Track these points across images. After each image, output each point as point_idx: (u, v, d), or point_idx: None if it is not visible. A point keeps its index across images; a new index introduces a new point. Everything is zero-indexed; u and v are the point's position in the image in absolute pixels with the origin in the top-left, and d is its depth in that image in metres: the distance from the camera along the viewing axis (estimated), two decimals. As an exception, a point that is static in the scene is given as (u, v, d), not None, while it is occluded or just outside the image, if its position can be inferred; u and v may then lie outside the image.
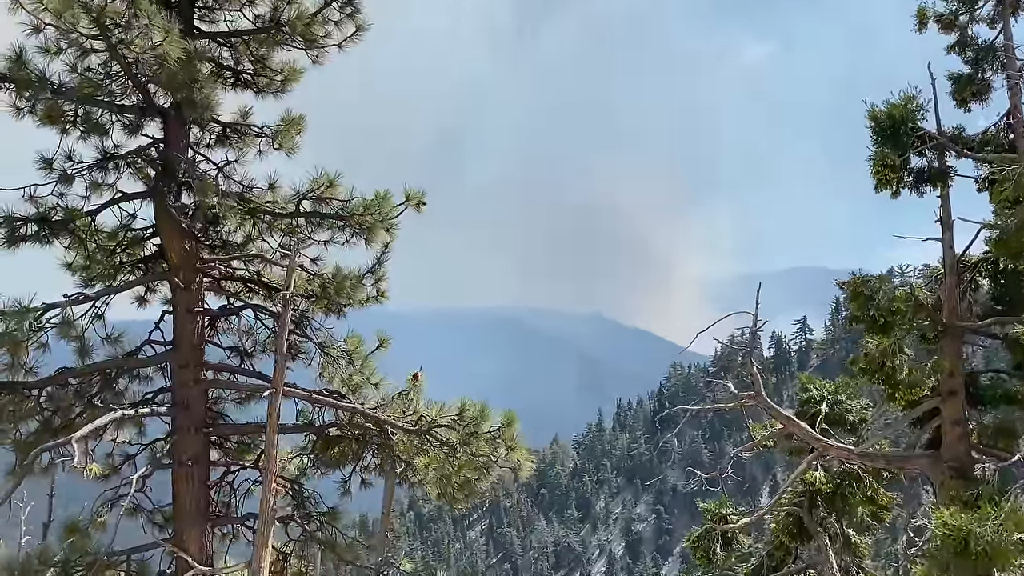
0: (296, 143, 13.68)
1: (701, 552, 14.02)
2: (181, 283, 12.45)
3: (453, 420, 12.33)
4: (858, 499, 14.43)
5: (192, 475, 12.40)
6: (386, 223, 13.38)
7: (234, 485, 13.80)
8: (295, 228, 13.47)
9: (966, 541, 9.90)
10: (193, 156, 13.02)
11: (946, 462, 12.82)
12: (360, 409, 12.55)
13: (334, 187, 13.27)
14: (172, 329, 12.70)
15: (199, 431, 12.47)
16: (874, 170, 12.19)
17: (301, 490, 13.74)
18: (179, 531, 12.42)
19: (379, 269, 13.80)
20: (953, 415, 13.04)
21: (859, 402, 14.73)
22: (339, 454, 13.71)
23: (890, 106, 12.13)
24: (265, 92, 13.72)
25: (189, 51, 11.48)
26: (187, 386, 12.44)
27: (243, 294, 13.82)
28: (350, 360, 13.33)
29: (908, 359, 12.73)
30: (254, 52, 13.28)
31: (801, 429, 12.86)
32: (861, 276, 12.31)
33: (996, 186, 11.85)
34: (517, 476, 12.67)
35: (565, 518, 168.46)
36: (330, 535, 13.71)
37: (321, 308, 13.72)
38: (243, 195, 13.31)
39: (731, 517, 14.17)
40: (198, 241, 12.91)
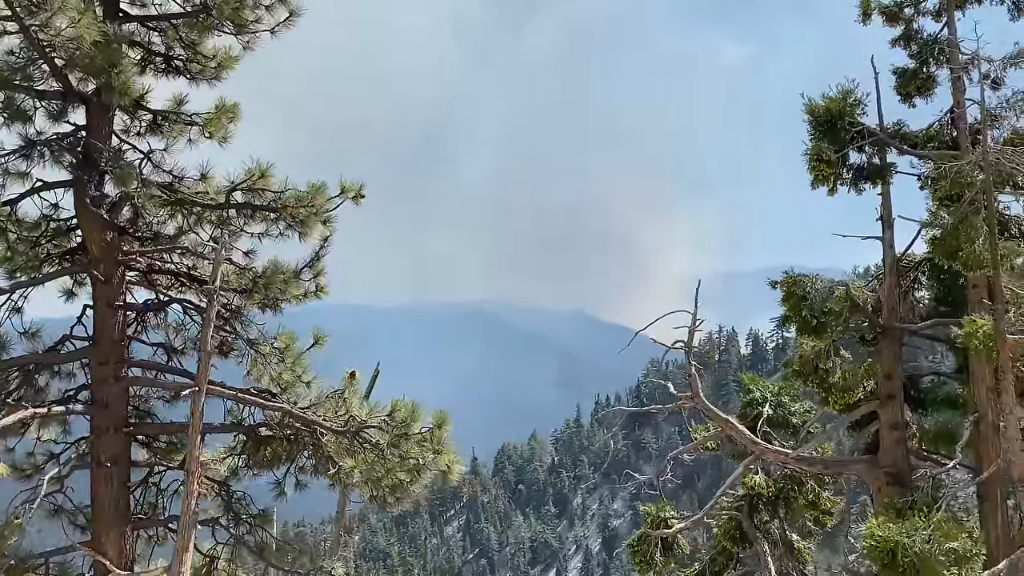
0: (229, 132, 13.19)
1: (640, 557, 13.65)
2: (101, 276, 11.96)
3: (383, 421, 11.90)
4: (800, 504, 14.11)
5: (111, 476, 11.92)
6: (321, 216, 12.94)
7: (160, 486, 13.36)
8: (226, 220, 13.01)
9: (893, 552, 9.59)
10: (118, 144, 12.53)
11: (883, 468, 12.49)
12: (288, 409, 12.11)
13: (266, 178, 12.81)
14: (92, 324, 12.20)
15: (119, 430, 12.00)
16: (810, 165, 11.82)
17: (230, 492, 13.28)
18: (98, 533, 11.96)
19: (317, 263, 13.37)
20: (891, 419, 12.72)
21: (802, 404, 14.38)
22: (271, 455, 13.26)
23: (827, 100, 11.76)
24: (199, 79, 13.24)
25: (107, 34, 10.99)
26: (107, 383, 11.96)
27: (174, 288, 13.34)
28: (281, 358, 12.88)
29: (841, 361, 12.41)
30: (184, 37, 12.79)
31: (738, 432, 12.51)
32: (794, 275, 11.95)
33: (934, 183, 11.52)
34: (446, 480, 12.23)
35: (542, 514, 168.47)
36: (260, 539, 13.28)
37: (255, 303, 13.24)
38: (171, 185, 12.86)
39: (671, 521, 13.82)
40: (122, 232, 12.44)
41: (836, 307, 11.73)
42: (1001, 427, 11.30)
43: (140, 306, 12.78)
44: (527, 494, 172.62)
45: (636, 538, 13.88)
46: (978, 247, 10.70)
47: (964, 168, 10.98)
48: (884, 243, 12.73)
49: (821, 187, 11.98)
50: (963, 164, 11.05)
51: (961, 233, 10.83)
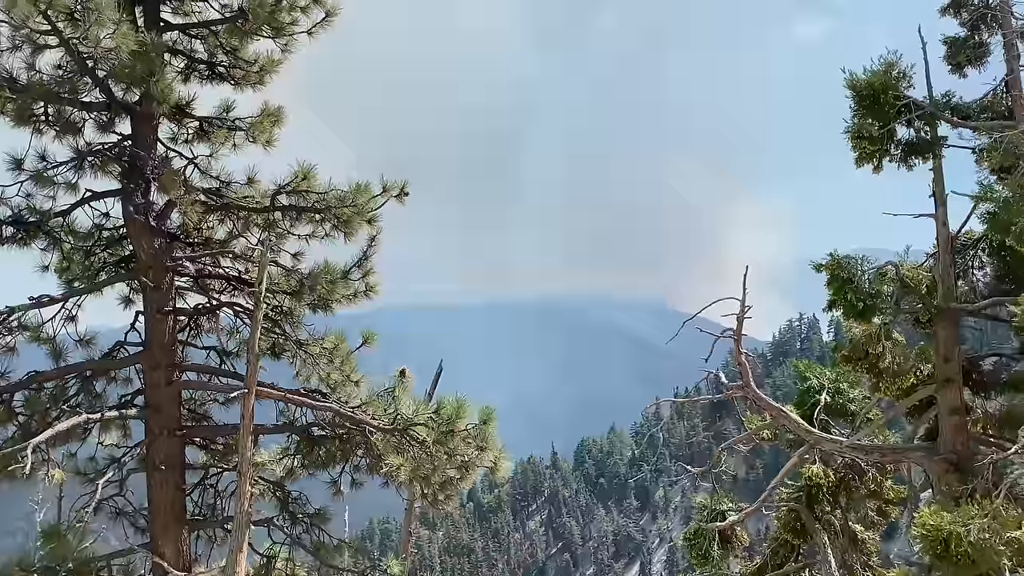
0: (274, 136, 13.34)
1: (697, 551, 13.32)
2: (151, 282, 12.14)
3: (429, 418, 11.84)
4: (862, 493, 13.63)
5: (167, 478, 12.10)
6: (364, 215, 12.96)
7: (218, 487, 13.54)
8: (272, 223, 13.12)
9: (946, 542, 9.13)
10: (164, 152, 12.72)
11: (942, 455, 11.95)
12: (336, 408, 12.14)
13: (310, 179, 12.88)
14: (144, 330, 12.41)
15: (173, 433, 12.16)
16: (852, 143, 11.34)
17: (286, 492, 13.39)
18: (155, 535, 12.14)
19: (365, 263, 13.40)
20: (950, 404, 12.14)
21: (861, 391, 13.87)
22: (326, 454, 13.34)
23: (870, 74, 11.25)
24: (243, 85, 13.41)
25: (144, 43, 11.13)
26: (159, 388, 12.14)
27: (225, 292, 13.50)
28: (330, 358, 12.93)
29: (893, 346, 11.88)
30: (225, 44, 12.92)
31: (791, 421, 12.11)
32: (838, 257, 11.47)
33: (987, 155, 10.95)
34: (494, 476, 12.12)
35: (624, 507, 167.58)
36: (317, 538, 13.36)
37: (306, 305, 13.33)
38: (218, 190, 13.03)
39: (728, 513, 13.46)
40: (172, 239, 12.61)
41: (885, 289, 11.24)
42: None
43: (191, 311, 12.95)
44: (608, 487, 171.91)
45: (691, 532, 13.58)
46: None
47: (1017, 137, 10.44)
48: (937, 220, 12.16)
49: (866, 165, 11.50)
50: (1016, 133, 10.50)
51: (1014, 206, 10.28)
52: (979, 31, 12.31)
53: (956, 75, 12.55)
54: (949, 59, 12.52)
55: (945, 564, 9.23)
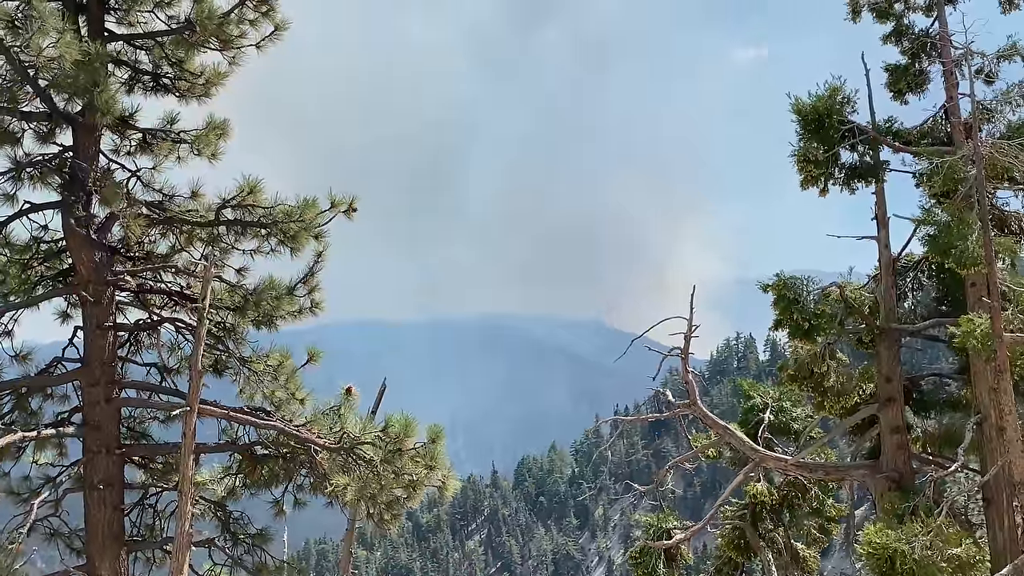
0: (218, 149, 13.15)
1: (642, 570, 13.35)
2: (91, 297, 11.86)
3: (377, 436, 11.71)
4: (804, 511, 13.81)
5: (104, 498, 11.79)
6: (312, 231, 12.84)
7: (157, 507, 13.24)
8: (216, 237, 12.93)
9: (892, 560, 9.30)
10: (106, 164, 12.47)
11: (884, 473, 12.18)
12: (280, 427, 11.95)
13: (256, 194, 12.73)
14: (83, 346, 12.11)
15: (111, 452, 11.87)
16: (798, 166, 11.58)
17: (227, 512, 13.15)
18: (91, 557, 11.83)
19: (311, 279, 13.27)
20: (891, 422, 12.41)
21: (804, 410, 14.10)
22: (269, 474, 13.12)
23: (815, 99, 11.51)
24: (188, 96, 13.21)
25: (89, 53, 10.92)
26: (97, 405, 11.85)
27: (167, 308, 13.24)
28: (275, 376, 12.76)
29: (837, 365, 12.12)
30: (171, 55, 12.72)
31: (737, 439, 12.24)
32: (784, 278, 11.68)
33: (927, 180, 11.26)
34: (441, 495, 12.02)
35: (564, 526, 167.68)
36: (259, 559, 13.13)
37: (249, 321, 13.12)
38: (161, 203, 12.80)
39: (674, 531, 13.53)
40: (113, 252, 12.35)
41: (829, 309, 11.47)
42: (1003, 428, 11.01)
43: (132, 326, 12.68)
44: (548, 506, 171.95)
45: (638, 550, 13.62)
46: (971, 243, 10.45)
47: (956, 163, 10.74)
48: (879, 243, 12.46)
49: (811, 187, 11.74)
50: (955, 159, 10.81)
51: (954, 229, 10.57)
52: (920, 59, 12.67)
53: (897, 102, 12.89)
54: (891, 86, 12.85)
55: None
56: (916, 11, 12.61)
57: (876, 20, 12.64)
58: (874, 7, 12.54)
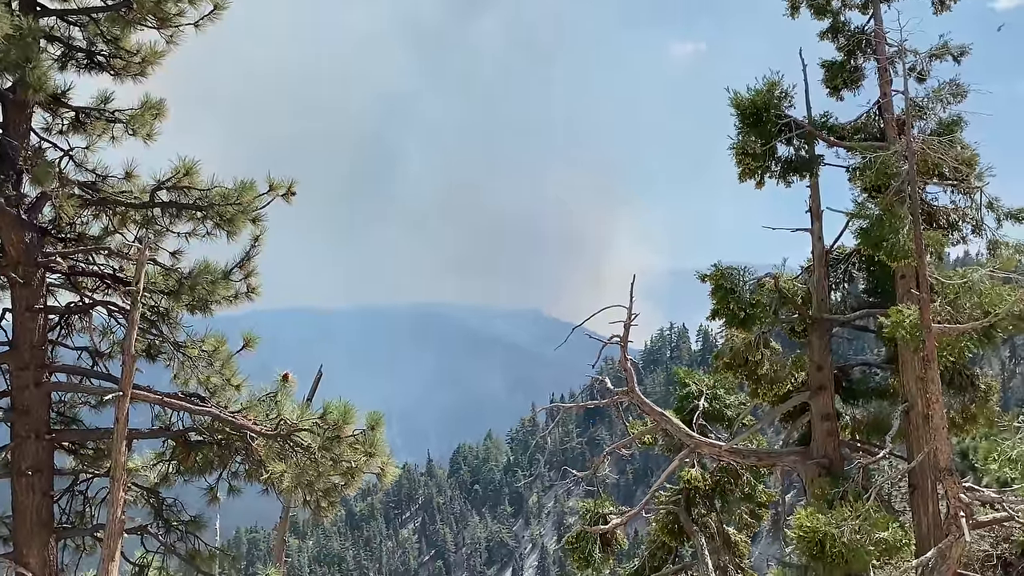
0: (154, 129, 12.89)
1: (579, 554, 13.52)
2: (20, 279, 11.57)
3: (315, 423, 11.63)
4: (736, 496, 14.11)
5: (33, 484, 11.53)
6: (249, 214, 12.68)
7: (88, 494, 13.00)
8: (151, 220, 12.70)
9: (822, 543, 9.57)
10: (38, 142, 12.15)
11: (814, 459, 12.50)
12: (216, 413, 11.81)
13: (192, 176, 12.54)
14: (11, 328, 11.81)
15: (40, 437, 11.60)
16: (736, 159, 11.79)
17: (160, 499, 12.96)
18: (19, 544, 11.56)
19: (248, 263, 13.11)
20: (822, 410, 12.74)
21: (737, 397, 14.38)
22: (203, 460, 12.96)
23: (753, 93, 11.72)
24: (123, 75, 12.91)
25: (21, 27, 10.62)
26: (26, 389, 11.57)
27: (99, 291, 12.97)
28: (210, 361, 12.60)
29: (771, 354, 12.39)
30: (106, 32, 12.42)
31: (673, 425, 12.45)
32: (721, 268, 11.91)
33: (860, 174, 11.55)
34: (381, 482, 12.01)
35: (498, 513, 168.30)
36: (193, 546, 12.98)
37: (183, 305, 12.92)
38: (94, 184, 12.52)
39: (610, 516, 13.70)
40: (43, 233, 12.06)
41: (764, 299, 11.71)
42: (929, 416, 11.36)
43: (63, 309, 12.41)
44: (483, 494, 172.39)
45: (574, 535, 13.77)
46: (902, 237, 10.75)
47: (889, 158, 11.02)
48: (813, 235, 12.75)
49: (748, 180, 11.96)
50: (888, 155, 11.09)
51: (886, 223, 10.86)
52: (855, 56, 12.94)
53: (833, 97, 13.15)
54: (827, 82, 13.11)
55: (819, 564, 9.64)
56: (853, 8, 12.85)
57: (814, 16, 12.86)
58: (812, 4, 12.78)
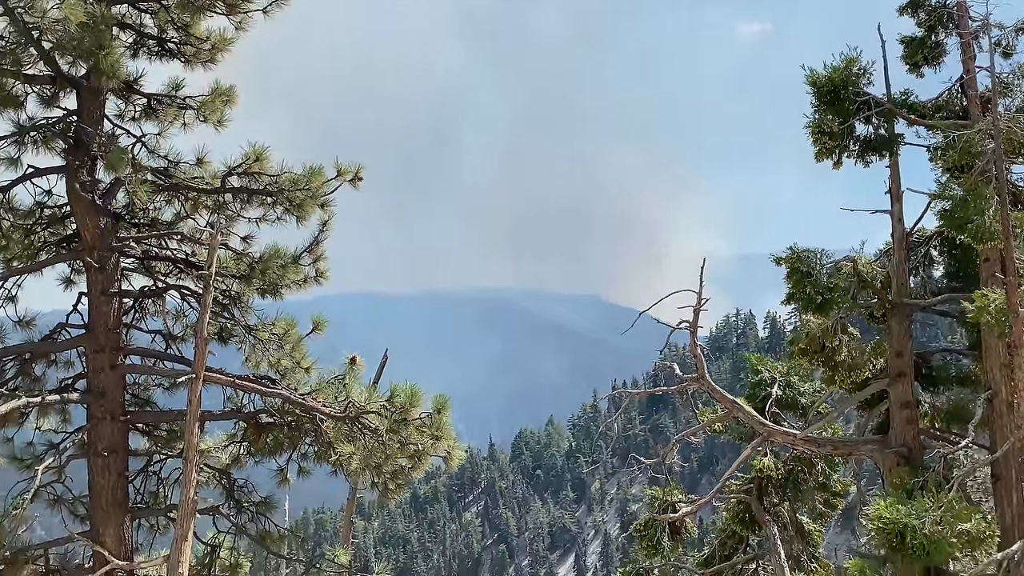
0: (224, 116, 12.99)
1: (647, 542, 13.39)
2: (95, 263, 11.77)
3: (382, 406, 11.67)
4: (810, 486, 13.80)
5: (109, 465, 11.75)
6: (317, 199, 12.74)
7: (161, 475, 13.21)
8: (222, 205, 12.83)
9: (902, 534, 9.29)
10: (111, 129, 12.33)
11: (892, 448, 12.15)
12: (286, 395, 11.91)
13: (262, 161, 12.63)
14: (87, 312, 12.03)
15: (116, 419, 11.81)
16: (812, 138, 11.46)
17: (232, 480, 13.13)
18: (95, 524, 11.80)
19: (316, 248, 13.18)
20: (901, 398, 12.35)
21: (812, 385, 14.03)
22: (273, 442, 13.08)
23: (830, 70, 11.37)
24: (193, 62, 13.00)
25: (94, 15, 10.76)
26: (102, 372, 11.78)
27: (172, 275, 13.16)
28: (280, 344, 12.70)
29: (849, 339, 12.05)
30: (176, 19, 12.54)
31: (745, 413, 12.21)
32: (798, 251, 11.60)
33: (943, 154, 11.15)
34: (447, 466, 12.01)
35: (560, 499, 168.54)
36: (262, 526, 13.13)
37: (254, 289, 13.04)
38: (166, 170, 12.68)
39: (679, 505, 13.54)
40: (117, 219, 12.25)
41: (842, 283, 11.38)
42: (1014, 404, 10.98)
43: (137, 293, 12.60)
44: (545, 479, 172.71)
45: (643, 523, 13.63)
46: (988, 218, 10.35)
47: (973, 137, 10.62)
48: (893, 217, 12.35)
49: (826, 159, 11.62)
50: (972, 133, 10.68)
51: (970, 204, 10.47)
52: (936, 32, 12.49)
53: (913, 74, 12.71)
54: (907, 59, 12.66)
55: (899, 556, 9.38)
56: (933, -19, 12.39)
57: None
58: (892, -24, 12.35)
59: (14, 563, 11.63)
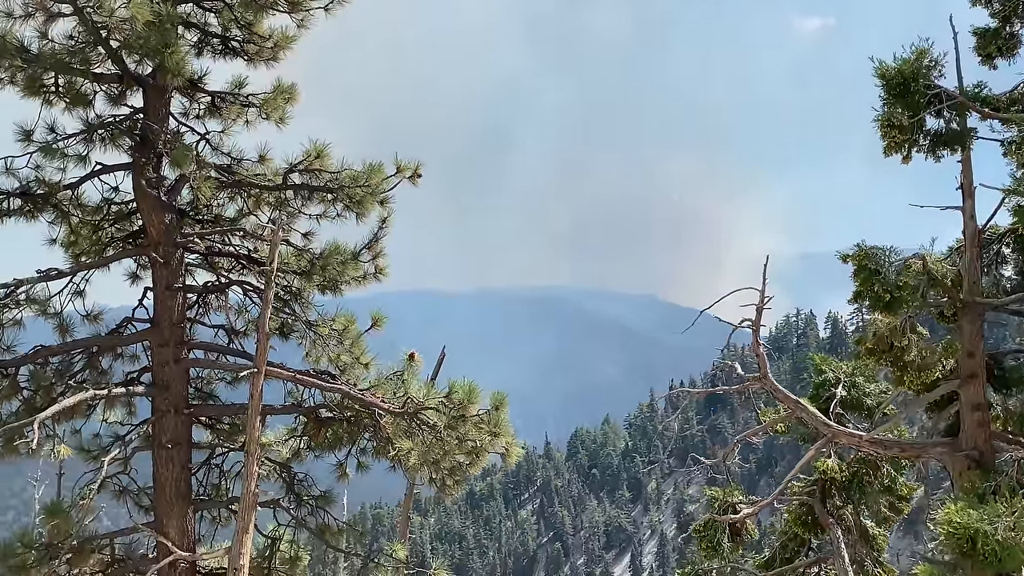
0: (286, 113, 13.13)
1: (707, 543, 13.21)
2: (160, 258, 11.96)
3: (441, 402, 11.68)
4: (875, 489, 13.50)
5: (173, 457, 11.94)
6: (377, 195, 12.80)
7: (223, 468, 13.40)
8: (284, 201, 12.95)
9: (973, 540, 9.01)
10: (176, 126, 12.52)
11: (963, 451, 11.82)
12: (346, 390, 11.98)
13: (323, 158, 12.72)
14: (153, 306, 12.24)
15: (180, 412, 12.00)
16: (881, 131, 11.16)
17: (292, 474, 13.26)
18: (159, 515, 12.00)
19: (376, 245, 13.24)
20: (972, 399, 12.00)
21: (877, 385, 13.72)
22: (333, 436, 13.18)
23: (900, 62, 11.07)
24: (256, 60, 13.14)
25: (160, 14, 10.92)
26: (167, 365, 11.97)
27: (234, 271, 13.33)
28: (340, 340, 12.78)
29: (918, 339, 11.74)
30: (240, 17, 12.68)
31: (809, 414, 11.97)
32: (865, 248, 11.32)
33: (1018, 148, 10.79)
34: (505, 463, 11.98)
35: (616, 498, 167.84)
36: (322, 520, 13.24)
37: (315, 285, 13.15)
38: (229, 167, 12.84)
39: (739, 506, 13.33)
40: (182, 215, 12.43)
41: (911, 281, 11.08)
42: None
43: (200, 288, 12.78)
44: (601, 478, 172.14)
45: (702, 524, 13.45)
46: (1064, 215, 10.00)
47: (1050, 131, 10.27)
48: (964, 213, 12.00)
49: (894, 155, 11.33)
50: (1049, 127, 10.34)
51: (1046, 201, 10.13)
52: (1011, 23, 12.12)
53: (986, 66, 12.35)
54: (979, 50, 12.31)
55: (969, 562, 9.12)
56: (1009, -29, 12.02)
57: (966, -18, 12.08)
58: (965, -31, 11.99)
59: (81, 552, 11.87)
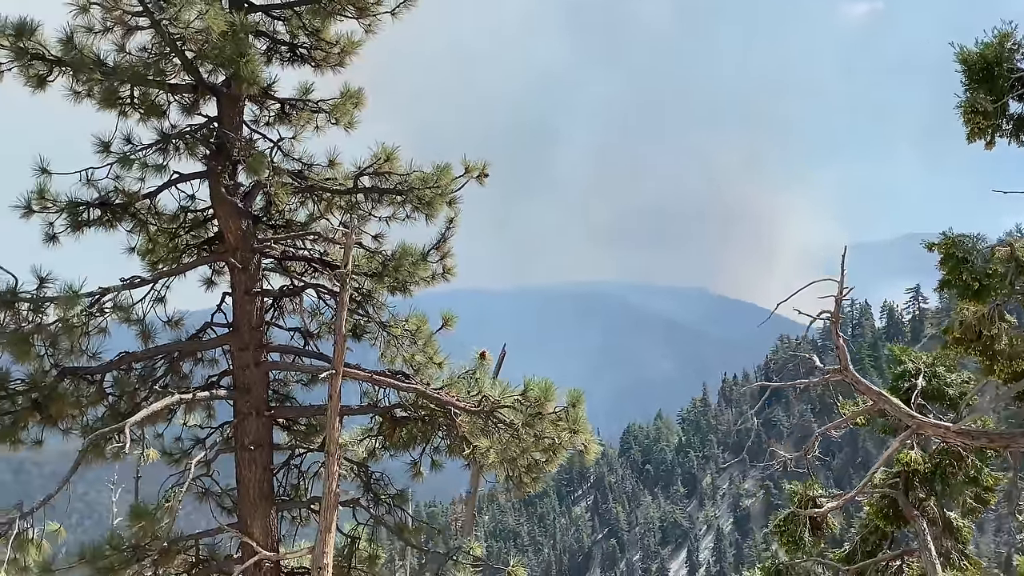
0: (354, 118, 13.26)
1: (788, 537, 13.12)
2: (238, 264, 12.18)
3: (516, 400, 11.76)
4: (960, 480, 13.28)
5: (255, 459, 12.17)
6: (446, 196, 12.91)
7: (302, 468, 13.60)
8: (354, 205, 13.12)
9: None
10: (249, 134, 12.73)
11: (1054, 442, 11.60)
12: (421, 390, 12.12)
13: (392, 161, 12.87)
14: (232, 311, 12.47)
15: (261, 414, 12.21)
16: (964, 117, 10.98)
17: (369, 473, 13.43)
18: (243, 516, 12.23)
19: (444, 245, 13.35)
20: (1063, 389, 11.79)
21: (959, 375, 13.49)
22: (407, 436, 13.33)
23: (983, 46, 10.88)
24: (323, 66, 13.29)
25: (234, 24, 11.12)
26: (247, 369, 12.20)
27: (307, 274, 13.53)
28: (413, 340, 12.92)
29: (1009, 327, 11.54)
30: (307, 25, 12.86)
31: (893, 405, 11.81)
32: (952, 236, 11.15)
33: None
34: (584, 459, 12.02)
35: (671, 494, 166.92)
36: (399, 519, 13.39)
37: (385, 287, 13.30)
38: (301, 172, 13.03)
39: (820, 500, 13.22)
40: (256, 221, 12.65)
41: (1000, 268, 10.90)
42: None
43: (276, 292, 12.99)
44: (655, 474, 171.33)
45: (783, 518, 13.37)
46: None
47: None
48: (1052, 197, 11.79)
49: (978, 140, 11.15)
50: None
51: None
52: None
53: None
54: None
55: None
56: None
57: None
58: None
59: (167, 553, 12.12)
